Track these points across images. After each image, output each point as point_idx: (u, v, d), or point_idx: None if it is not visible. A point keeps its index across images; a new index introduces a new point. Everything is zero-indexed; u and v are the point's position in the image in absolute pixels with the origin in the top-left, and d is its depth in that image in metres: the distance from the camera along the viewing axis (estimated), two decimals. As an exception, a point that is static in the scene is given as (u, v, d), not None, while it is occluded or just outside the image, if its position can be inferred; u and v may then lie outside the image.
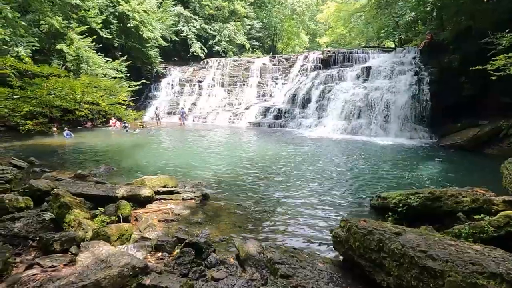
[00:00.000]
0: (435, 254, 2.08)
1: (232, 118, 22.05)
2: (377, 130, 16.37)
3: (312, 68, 23.04)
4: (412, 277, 2.09)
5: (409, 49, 20.64)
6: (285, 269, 2.58)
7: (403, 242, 2.27)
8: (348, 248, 2.79)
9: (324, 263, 2.97)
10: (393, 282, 2.21)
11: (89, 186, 6.39)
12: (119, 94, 9.24)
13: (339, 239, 2.96)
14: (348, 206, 6.59)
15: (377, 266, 2.42)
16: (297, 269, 2.60)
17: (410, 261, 2.11)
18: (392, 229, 2.53)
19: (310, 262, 2.86)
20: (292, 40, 52.00)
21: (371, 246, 2.48)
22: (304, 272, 2.54)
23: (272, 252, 3.14)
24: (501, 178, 6.21)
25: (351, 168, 9.96)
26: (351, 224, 2.83)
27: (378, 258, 2.40)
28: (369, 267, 2.50)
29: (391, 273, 2.26)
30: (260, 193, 7.43)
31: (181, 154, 12.16)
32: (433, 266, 2.01)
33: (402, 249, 2.19)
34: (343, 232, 2.92)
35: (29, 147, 13.03)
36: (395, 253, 2.24)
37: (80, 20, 17.88)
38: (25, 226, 4.66)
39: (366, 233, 2.55)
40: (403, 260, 2.16)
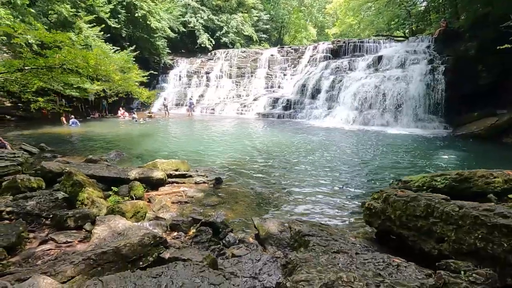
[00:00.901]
0: (506, 211, 1.86)
1: (240, 109, 21.83)
2: (390, 120, 15.98)
3: (321, 58, 22.59)
4: (477, 239, 1.87)
5: (422, 38, 20.03)
6: (317, 241, 2.39)
7: (459, 204, 2.05)
8: (386, 219, 2.57)
9: (355, 237, 2.77)
10: (449, 248, 1.99)
11: (101, 168, 6.28)
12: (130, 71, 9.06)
13: (373, 211, 2.74)
14: (364, 191, 6.35)
15: (424, 234, 2.21)
16: (330, 241, 2.41)
17: (473, 222, 1.89)
18: (439, 195, 2.31)
19: (340, 236, 2.66)
20: (299, 32, 51.29)
21: (416, 212, 2.26)
22: (338, 244, 2.34)
23: (299, 225, 2.94)
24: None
25: (365, 156, 9.68)
26: (388, 193, 2.61)
27: (426, 224, 2.18)
28: (414, 236, 2.29)
29: (445, 239, 2.04)
30: (273, 178, 7.23)
31: (191, 142, 12.03)
32: (507, 223, 1.78)
33: (460, 211, 1.97)
34: (378, 203, 2.71)
35: (40, 135, 13.03)
36: (450, 216, 2.01)
37: (88, 9, 17.75)
38: (37, 205, 4.56)
39: (409, 200, 2.33)
40: (463, 222, 1.94)
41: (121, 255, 2.17)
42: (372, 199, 2.94)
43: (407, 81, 16.23)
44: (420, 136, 13.64)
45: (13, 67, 5.40)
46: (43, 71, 5.76)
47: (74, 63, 5.90)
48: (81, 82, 7.06)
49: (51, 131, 14.40)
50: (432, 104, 15.69)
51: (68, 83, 7.93)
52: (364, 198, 5.77)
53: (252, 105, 21.76)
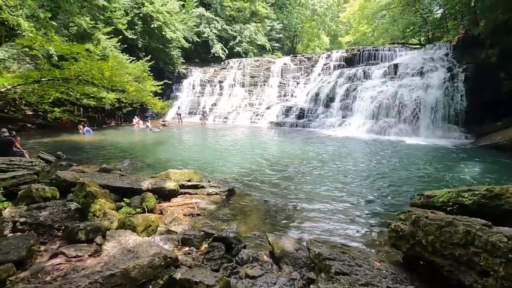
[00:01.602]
0: None
1: (253, 118, 21.78)
2: (407, 130, 15.49)
3: (335, 66, 22.38)
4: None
5: (440, 45, 19.54)
6: (339, 266, 2.19)
7: (508, 233, 1.81)
8: (416, 244, 2.33)
9: (380, 261, 2.54)
10: (497, 285, 1.74)
11: (114, 178, 6.26)
12: (145, 82, 9.16)
13: (401, 234, 2.51)
14: (383, 205, 6.04)
15: (464, 265, 1.97)
16: (353, 266, 2.20)
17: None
18: (478, 220, 2.07)
19: (364, 260, 2.45)
20: (312, 41, 51.34)
21: (452, 240, 2.02)
22: (362, 271, 2.13)
23: (319, 247, 2.74)
24: None
25: (382, 167, 9.32)
26: (417, 215, 2.38)
27: (465, 254, 1.94)
28: (451, 266, 2.04)
29: (490, 273, 1.79)
30: (287, 190, 7.02)
31: (204, 151, 11.99)
32: None
33: (510, 242, 1.72)
34: (406, 226, 2.48)
35: (57, 143, 13.34)
36: (497, 248, 1.77)
37: (106, 21, 18.34)
38: (50, 215, 4.53)
39: (444, 225, 2.09)
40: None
41: (130, 278, 2.04)
42: (398, 220, 2.71)
43: (425, 89, 15.76)
44: (440, 147, 13.11)
45: (30, 79, 5.52)
46: (59, 82, 5.87)
47: (89, 75, 5.99)
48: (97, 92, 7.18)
49: (68, 139, 14.75)
50: (452, 113, 15.14)
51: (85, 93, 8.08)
52: (383, 215, 5.48)
53: (265, 113, 21.69)
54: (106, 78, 6.47)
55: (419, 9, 28.07)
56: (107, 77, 6.39)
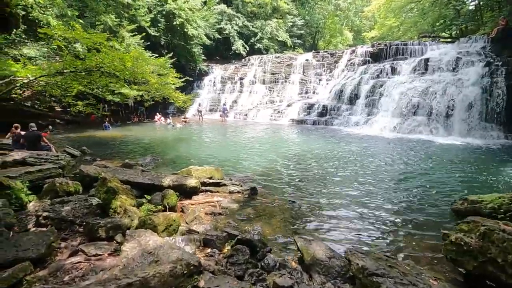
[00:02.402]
0: None
1: (274, 115, 21.41)
2: (438, 128, 14.52)
3: (360, 62, 21.49)
4: None
5: (476, 38, 18.21)
6: (391, 286, 1.84)
7: None
8: (487, 262, 1.94)
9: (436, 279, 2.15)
10: None
11: (135, 173, 6.17)
12: (167, 75, 9.08)
13: (465, 248, 2.11)
14: (420, 211, 5.52)
15: None
16: (407, 286, 1.85)
17: None
18: None
19: (417, 277, 2.07)
20: (334, 37, 49.99)
21: (548, 263, 1.63)
22: (419, 292, 1.78)
23: (362, 259, 2.39)
24: None
25: (414, 168, 8.68)
26: (488, 227, 1.97)
27: None
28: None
29: None
30: (311, 191, 6.65)
31: (224, 148, 11.82)
32: None
33: None
34: (471, 239, 2.08)
35: (83, 138, 13.69)
36: None
37: (130, 19, 18.64)
38: (72, 210, 4.46)
39: (534, 243, 1.70)
40: None
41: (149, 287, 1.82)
42: (459, 231, 2.30)
43: (459, 85, 14.69)
44: (477, 147, 12.14)
45: (53, 70, 5.52)
46: (82, 74, 5.85)
47: (111, 66, 5.91)
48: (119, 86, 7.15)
49: (93, 134, 15.12)
50: (490, 110, 13.99)
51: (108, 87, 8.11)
52: (421, 221, 4.98)
53: (286, 111, 21.25)
54: (128, 70, 6.38)
55: (451, 0, 26.40)
56: (129, 68, 6.29)
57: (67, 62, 5.72)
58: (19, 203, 4.74)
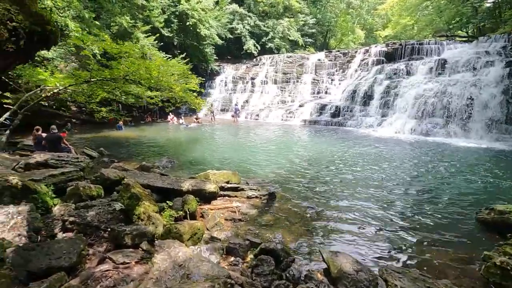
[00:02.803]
0: None
1: (286, 116, 21.32)
2: (457, 131, 14.16)
3: (374, 62, 21.13)
4: None
5: (496, 37, 17.63)
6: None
7: None
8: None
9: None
10: None
11: (155, 178, 6.23)
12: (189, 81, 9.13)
13: None
14: (444, 219, 5.39)
15: None
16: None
17: None
18: None
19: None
20: (346, 36, 49.34)
21: None
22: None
23: (399, 279, 2.34)
24: None
25: (433, 174, 8.48)
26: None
27: None
28: None
29: None
30: (329, 196, 6.59)
31: (238, 150, 11.82)
32: None
33: None
34: (519, 264, 2.00)
35: (99, 139, 13.93)
36: None
37: (144, 20, 18.85)
38: (97, 216, 4.53)
39: None
40: None
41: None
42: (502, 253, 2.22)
43: (479, 87, 14.27)
44: (497, 151, 11.79)
45: (81, 79, 5.60)
46: (107, 82, 5.92)
47: (136, 75, 5.97)
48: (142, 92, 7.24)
49: (108, 135, 15.37)
50: (510, 112, 13.54)
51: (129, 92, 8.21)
52: (444, 232, 4.85)
53: (298, 111, 21.12)
54: (154, 78, 6.42)
55: (469, -2, 25.64)
56: (155, 76, 6.34)
57: (94, 71, 5.80)
58: (45, 207, 4.85)
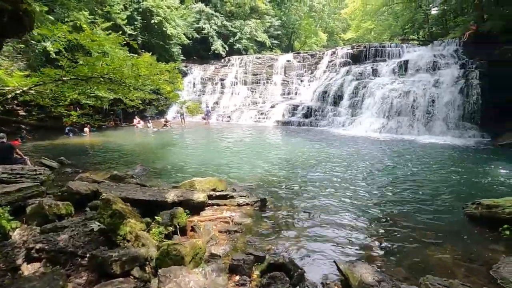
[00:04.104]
0: None
1: (258, 117, 21.13)
2: (420, 128, 15.07)
3: (341, 63, 21.83)
4: None
5: (448, 41, 19.17)
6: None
7: None
8: None
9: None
10: None
11: (133, 189, 5.57)
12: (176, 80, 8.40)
13: None
14: (433, 216, 5.50)
15: None
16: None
17: None
18: None
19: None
20: (309, 38, 50.81)
21: None
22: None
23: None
24: None
25: (409, 171, 8.78)
26: None
27: None
28: None
29: None
30: (318, 197, 6.47)
31: (214, 154, 11.32)
32: None
33: None
34: None
35: (57, 146, 12.51)
36: None
37: (105, 16, 17.39)
38: (71, 239, 3.84)
39: None
40: None
41: None
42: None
43: (438, 87, 15.36)
44: (458, 146, 12.69)
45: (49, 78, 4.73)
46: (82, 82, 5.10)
47: (118, 73, 5.20)
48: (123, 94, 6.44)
49: (68, 141, 13.89)
50: (467, 111, 14.75)
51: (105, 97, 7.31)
52: (436, 229, 4.93)
53: (270, 112, 21.06)
54: (142, 77, 5.67)
55: (421, 5, 27.73)
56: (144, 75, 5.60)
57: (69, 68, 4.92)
58: (1, 232, 4.03)
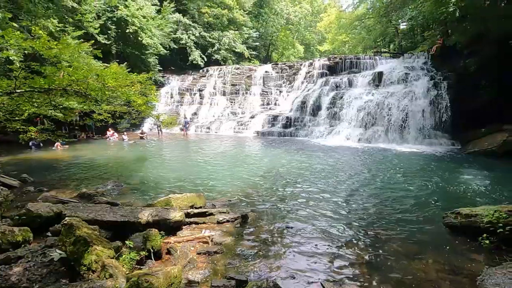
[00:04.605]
0: None
1: (238, 128, 20.92)
2: (396, 137, 15.53)
3: (318, 75, 22.29)
4: None
5: (418, 54, 20.20)
6: None
7: None
8: None
9: None
10: None
11: (103, 210, 5.10)
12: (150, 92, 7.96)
13: None
14: (414, 227, 5.50)
15: None
16: None
17: None
18: None
19: None
20: (287, 49, 52.05)
21: None
22: None
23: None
24: None
25: (388, 181, 8.87)
26: None
27: None
28: None
29: None
30: (299, 210, 6.34)
31: (194, 166, 10.92)
32: None
33: None
34: None
35: (19, 162, 11.55)
36: None
37: (76, 25, 16.64)
38: (26, 272, 3.37)
39: None
40: None
41: None
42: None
43: (410, 97, 15.99)
44: (431, 154, 13.13)
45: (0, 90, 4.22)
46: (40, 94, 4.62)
47: (83, 84, 4.75)
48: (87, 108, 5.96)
49: (33, 156, 12.91)
50: (438, 120, 15.43)
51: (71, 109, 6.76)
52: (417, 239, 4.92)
53: (250, 123, 20.93)
54: (109, 89, 5.24)
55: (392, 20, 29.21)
56: (112, 87, 5.17)
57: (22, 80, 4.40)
58: None
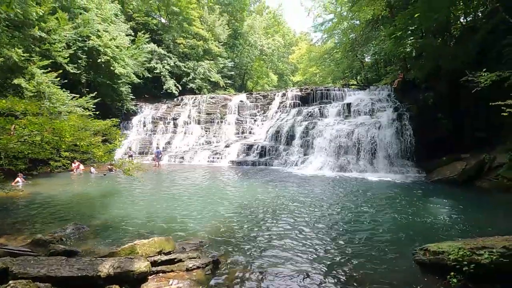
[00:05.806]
0: None
1: (212, 157, 20.68)
2: (366, 166, 16.08)
3: (291, 105, 23.07)
4: None
5: (382, 87, 21.67)
6: None
7: None
8: None
9: None
10: None
11: (57, 263, 4.62)
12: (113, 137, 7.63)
13: None
14: (384, 264, 5.53)
15: None
16: None
17: None
18: None
19: None
20: (261, 79, 54.02)
21: None
22: None
23: None
24: None
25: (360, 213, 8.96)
26: None
27: None
28: None
29: None
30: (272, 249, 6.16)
31: (164, 203, 10.39)
32: None
33: None
34: None
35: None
36: None
37: (43, 54, 16.14)
38: None
39: None
40: None
41: None
42: None
43: (378, 128, 16.85)
44: (399, 183, 13.65)
45: None
46: None
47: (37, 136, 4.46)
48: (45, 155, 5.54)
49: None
50: (403, 149, 16.28)
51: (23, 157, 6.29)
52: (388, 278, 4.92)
53: (224, 152, 20.82)
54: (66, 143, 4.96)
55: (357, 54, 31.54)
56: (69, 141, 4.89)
57: None
58: None
